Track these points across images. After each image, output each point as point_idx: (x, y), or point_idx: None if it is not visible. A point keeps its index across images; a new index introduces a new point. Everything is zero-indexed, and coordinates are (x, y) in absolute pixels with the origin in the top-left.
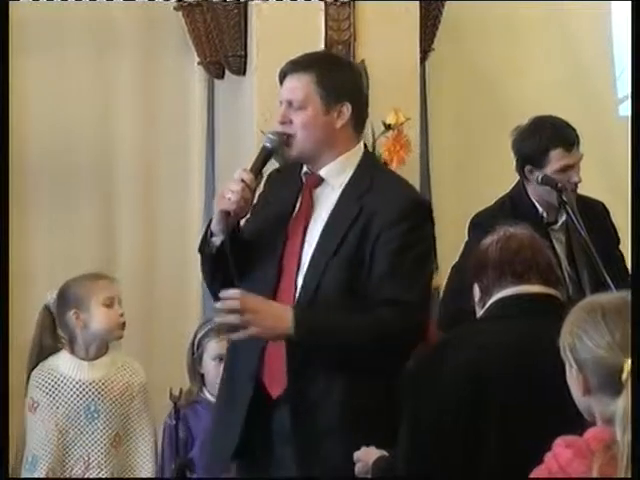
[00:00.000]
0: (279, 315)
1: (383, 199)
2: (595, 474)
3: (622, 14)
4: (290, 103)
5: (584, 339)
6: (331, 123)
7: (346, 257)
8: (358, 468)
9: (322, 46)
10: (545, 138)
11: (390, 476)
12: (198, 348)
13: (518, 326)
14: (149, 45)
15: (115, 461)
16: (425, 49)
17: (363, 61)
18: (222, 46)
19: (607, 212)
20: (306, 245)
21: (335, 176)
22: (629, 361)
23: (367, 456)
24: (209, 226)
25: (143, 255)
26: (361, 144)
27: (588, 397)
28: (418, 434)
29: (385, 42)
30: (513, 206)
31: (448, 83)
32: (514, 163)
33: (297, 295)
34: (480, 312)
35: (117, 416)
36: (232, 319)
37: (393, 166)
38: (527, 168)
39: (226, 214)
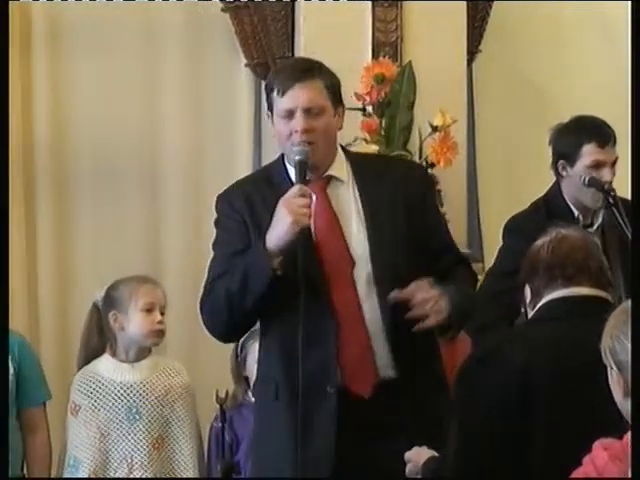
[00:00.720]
0: (445, 302)
1: (401, 170)
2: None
3: None
4: (308, 110)
5: (623, 341)
6: (337, 125)
7: (407, 235)
8: (409, 468)
9: (369, 47)
10: (580, 134)
11: (440, 477)
12: (242, 351)
13: (568, 328)
14: (196, 47)
15: (158, 463)
16: (472, 50)
17: (410, 62)
18: (269, 48)
19: None
20: (352, 242)
21: (340, 170)
22: None
23: (418, 456)
24: (256, 250)
25: (190, 257)
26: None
27: (629, 399)
28: (468, 434)
29: (432, 43)
30: (548, 209)
31: (495, 85)
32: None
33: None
34: (531, 313)
35: (159, 418)
36: (424, 311)
37: (440, 167)
38: (560, 163)
39: (302, 229)
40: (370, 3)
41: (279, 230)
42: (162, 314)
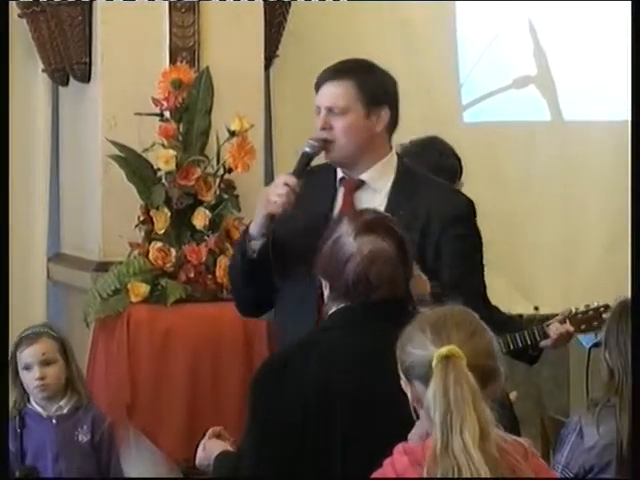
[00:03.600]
0: None
1: (436, 199)
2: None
3: (467, 20)
4: (330, 109)
5: (406, 347)
6: (371, 127)
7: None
8: (199, 456)
9: (167, 53)
10: (431, 169)
11: (230, 476)
12: (13, 358)
13: (363, 337)
14: None
15: None
16: (270, 55)
17: (207, 67)
18: (67, 53)
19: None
20: None
21: (377, 180)
22: (439, 350)
23: (211, 445)
24: (246, 232)
25: None
26: (394, 149)
27: (421, 409)
28: (265, 439)
29: (230, 48)
30: None
31: (292, 89)
32: None
33: None
34: (328, 312)
35: None
36: None
37: (238, 172)
38: None
39: (271, 217)
40: (167, 8)
41: (255, 216)
42: None
